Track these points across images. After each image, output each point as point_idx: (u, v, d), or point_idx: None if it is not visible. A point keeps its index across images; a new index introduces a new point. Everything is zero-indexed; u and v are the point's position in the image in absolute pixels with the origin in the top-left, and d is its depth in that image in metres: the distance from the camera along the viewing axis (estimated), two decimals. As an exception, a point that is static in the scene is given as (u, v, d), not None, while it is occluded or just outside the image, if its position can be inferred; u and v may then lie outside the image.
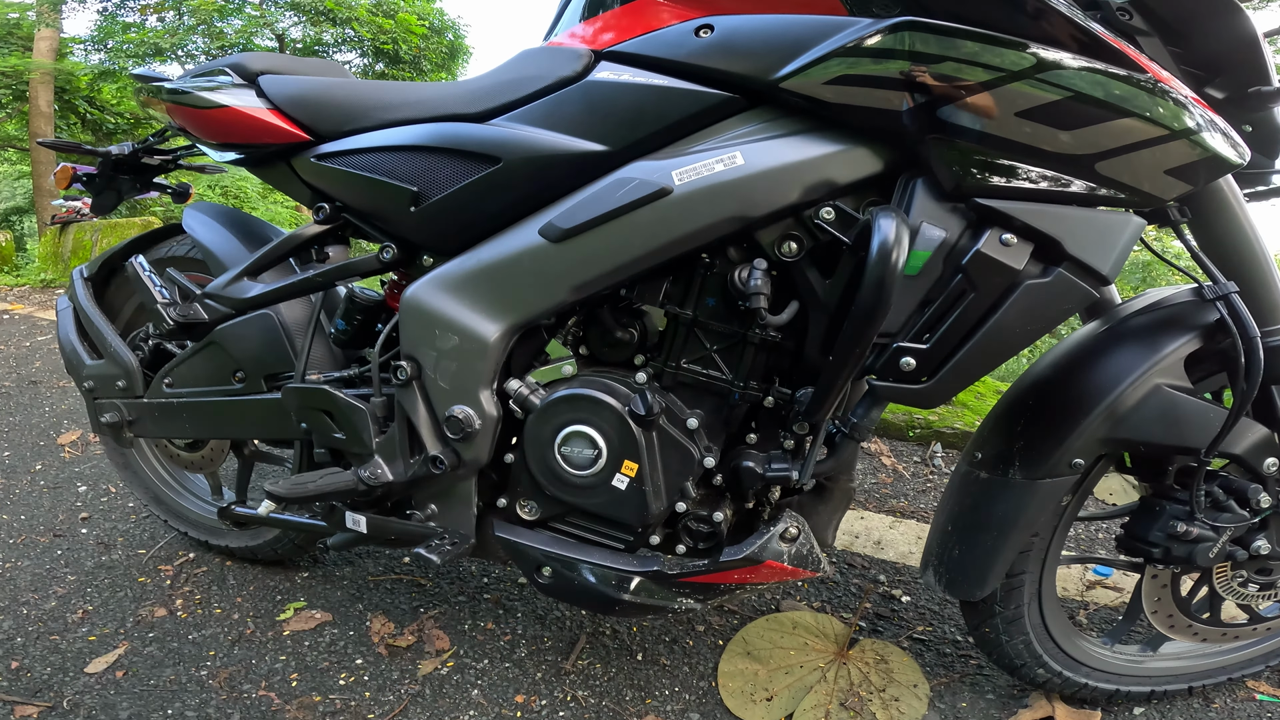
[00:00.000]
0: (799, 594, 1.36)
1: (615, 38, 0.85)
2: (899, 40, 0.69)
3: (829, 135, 0.75)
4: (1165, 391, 0.82)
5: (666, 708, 1.09)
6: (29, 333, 3.43)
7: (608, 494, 0.88)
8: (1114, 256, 0.72)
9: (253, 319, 1.08)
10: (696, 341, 0.87)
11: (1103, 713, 1.06)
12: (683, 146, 0.79)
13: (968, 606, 1.02)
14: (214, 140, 1.08)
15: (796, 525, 0.88)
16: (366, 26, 10.34)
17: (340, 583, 1.39)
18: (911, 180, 0.74)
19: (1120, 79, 0.68)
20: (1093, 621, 1.28)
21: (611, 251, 0.80)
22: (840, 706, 1.08)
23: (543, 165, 0.82)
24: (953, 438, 2.03)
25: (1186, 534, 0.88)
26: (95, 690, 1.12)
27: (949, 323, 0.73)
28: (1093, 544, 1.59)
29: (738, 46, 0.76)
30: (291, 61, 1.13)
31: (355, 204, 0.98)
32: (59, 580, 1.40)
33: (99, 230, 4.76)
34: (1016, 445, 0.89)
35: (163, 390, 1.20)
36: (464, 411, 0.88)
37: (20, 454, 1.98)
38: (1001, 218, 0.71)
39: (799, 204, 0.76)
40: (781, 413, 0.88)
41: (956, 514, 0.95)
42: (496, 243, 0.86)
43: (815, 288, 0.79)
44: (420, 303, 0.89)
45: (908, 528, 1.61)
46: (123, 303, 1.42)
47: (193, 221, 1.25)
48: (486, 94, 0.90)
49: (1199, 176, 0.73)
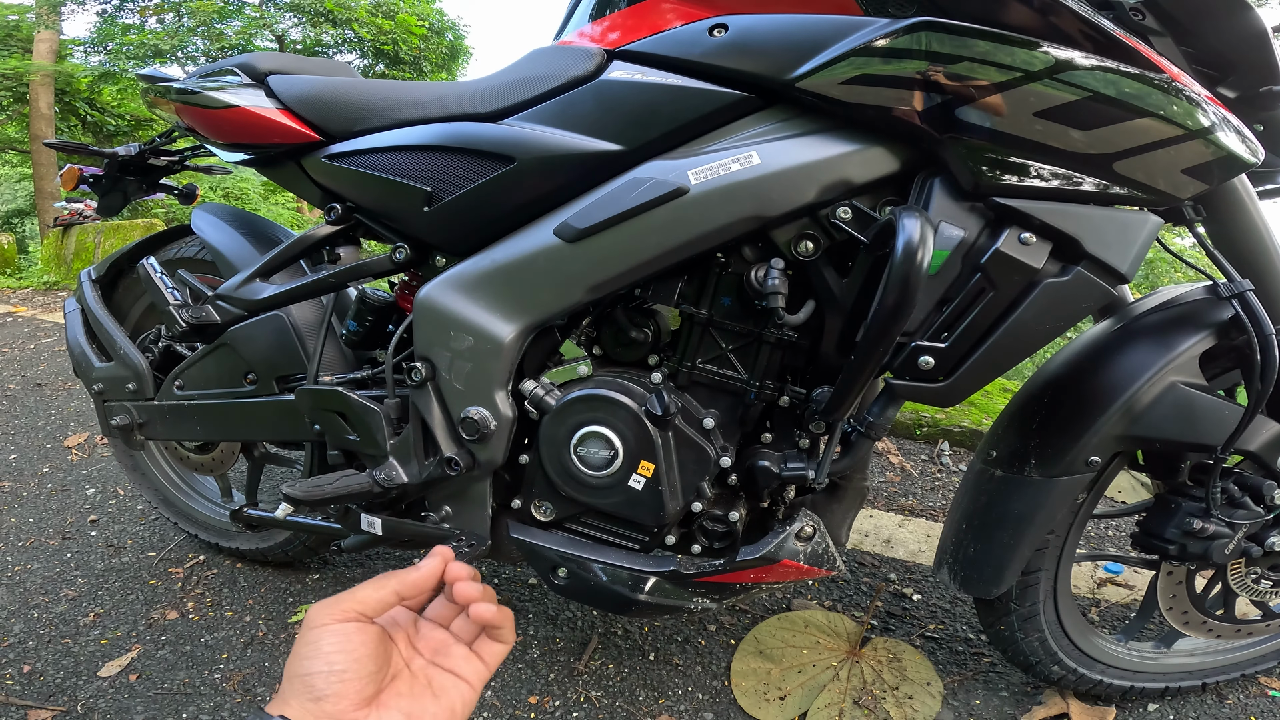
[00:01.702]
0: (810, 593, 1.36)
1: (626, 37, 0.85)
2: (915, 40, 0.69)
3: (845, 135, 0.75)
4: (1181, 389, 0.83)
5: (680, 707, 1.10)
6: (33, 335, 3.43)
7: (624, 494, 0.88)
8: (1132, 255, 0.72)
9: (264, 320, 1.08)
10: (712, 341, 0.87)
11: (1117, 709, 1.07)
12: (698, 146, 0.79)
13: (983, 604, 1.02)
14: (223, 140, 1.08)
15: (812, 524, 0.88)
16: (366, 27, 10.35)
17: (351, 584, 1.39)
18: (929, 179, 0.74)
19: (1136, 78, 0.68)
20: (1104, 619, 1.29)
21: (627, 251, 0.80)
22: (854, 705, 1.08)
23: (557, 165, 0.82)
24: (960, 436, 2.03)
25: (1203, 531, 0.88)
26: (109, 694, 1.12)
27: (967, 321, 0.73)
28: (1102, 541, 1.59)
29: (753, 46, 0.76)
30: (300, 61, 1.13)
31: (367, 204, 0.97)
32: (69, 583, 1.40)
33: (101, 232, 4.76)
34: (1032, 443, 0.89)
35: (173, 392, 1.20)
36: (479, 412, 0.88)
37: (27, 457, 1.98)
38: (1020, 217, 0.71)
39: (815, 203, 0.75)
40: (797, 412, 0.88)
41: (971, 512, 0.95)
42: (511, 243, 0.86)
43: (832, 287, 0.79)
44: (434, 303, 0.89)
45: (917, 526, 1.61)
46: (131, 304, 1.42)
47: (201, 223, 1.25)
48: (499, 93, 0.89)
49: (1214, 175, 0.73)
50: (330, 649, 0.43)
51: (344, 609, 0.45)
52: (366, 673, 0.43)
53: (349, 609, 0.45)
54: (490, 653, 0.50)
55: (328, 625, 0.44)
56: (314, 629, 0.44)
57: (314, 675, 0.42)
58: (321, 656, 0.42)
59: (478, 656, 0.49)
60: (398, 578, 0.48)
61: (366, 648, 0.44)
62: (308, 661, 0.42)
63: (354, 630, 0.44)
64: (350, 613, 0.45)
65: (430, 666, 0.48)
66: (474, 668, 0.49)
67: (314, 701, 0.41)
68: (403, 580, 0.48)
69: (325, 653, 0.42)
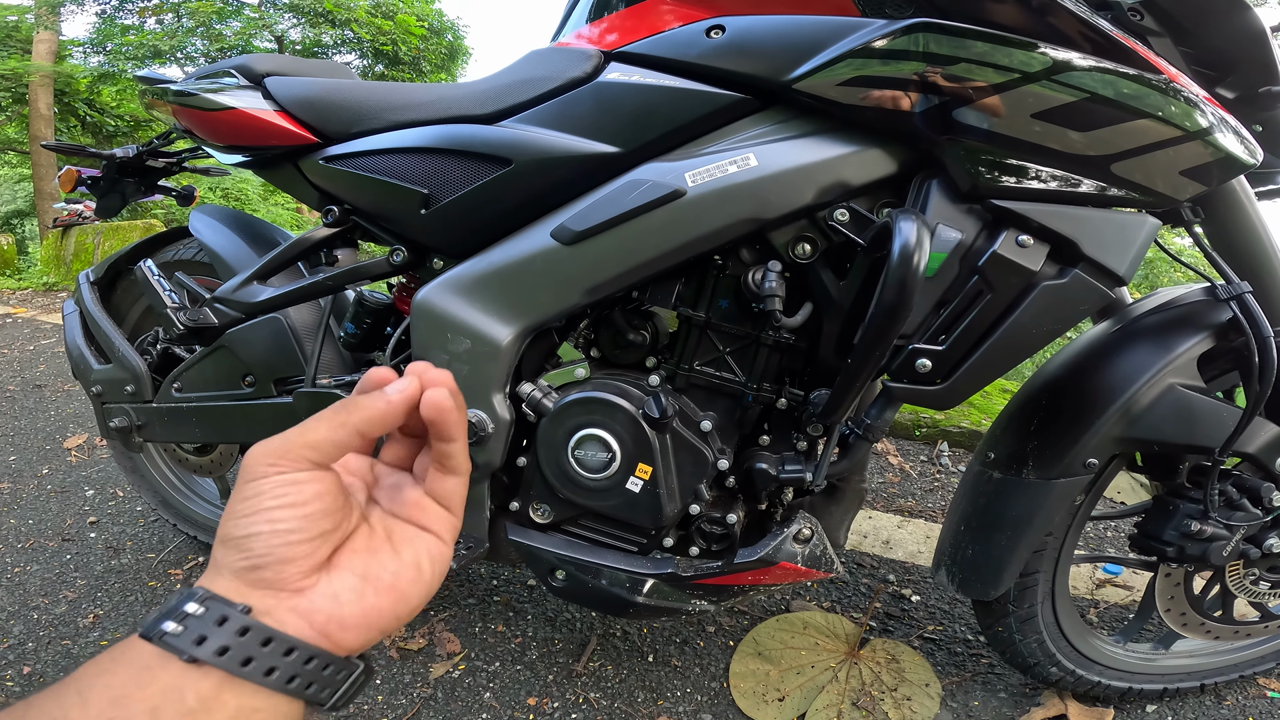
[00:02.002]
0: (809, 594, 1.36)
1: (624, 39, 0.85)
2: (913, 41, 0.69)
3: (843, 136, 0.75)
4: (1179, 391, 0.82)
5: (679, 709, 1.09)
6: (32, 336, 3.43)
7: (622, 496, 0.87)
8: (1130, 257, 0.72)
9: (262, 323, 1.08)
10: (709, 343, 0.87)
11: (1115, 710, 1.07)
12: (695, 148, 0.79)
13: (981, 606, 1.02)
14: (220, 142, 1.08)
15: (810, 526, 0.88)
16: (365, 28, 10.35)
17: (349, 585, 1.39)
18: (926, 181, 0.74)
19: (1134, 79, 0.68)
20: (1102, 620, 1.28)
21: (624, 254, 0.80)
22: (852, 706, 1.08)
23: (554, 167, 0.82)
24: (959, 436, 2.03)
25: (1200, 533, 0.88)
26: (107, 695, 1.12)
27: (965, 324, 0.73)
28: (1101, 542, 1.59)
29: (750, 47, 0.76)
30: (297, 63, 1.12)
31: (365, 206, 0.97)
32: (69, 585, 1.40)
33: (101, 233, 4.76)
34: (1030, 445, 0.89)
35: (172, 395, 1.20)
36: (477, 415, 0.88)
37: (26, 458, 1.98)
38: (1018, 219, 0.71)
39: (813, 205, 0.75)
40: (794, 414, 0.88)
41: (969, 514, 0.95)
42: (508, 245, 0.86)
43: (830, 289, 0.79)
44: (432, 306, 0.89)
45: (916, 527, 1.61)
46: (129, 306, 1.42)
47: (199, 225, 1.25)
48: (496, 95, 0.89)
49: (1213, 177, 0.73)
50: (274, 503, 0.33)
51: (293, 454, 0.34)
52: (319, 532, 0.34)
53: (299, 454, 0.34)
54: (444, 491, 0.40)
55: (269, 476, 0.34)
56: (253, 480, 0.34)
57: (253, 538, 0.33)
58: (263, 514, 0.33)
59: (435, 500, 0.40)
60: (360, 410, 0.36)
61: (321, 501, 0.34)
62: (245, 521, 0.33)
63: (306, 480, 0.34)
64: (300, 460, 0.34)
65: (389, 518, 0.40)
66: (435, 515, 0.40)
67: (251, 570, 0.33)
68: (367, 413, 0.36)
69: (267, 509, 0.33)
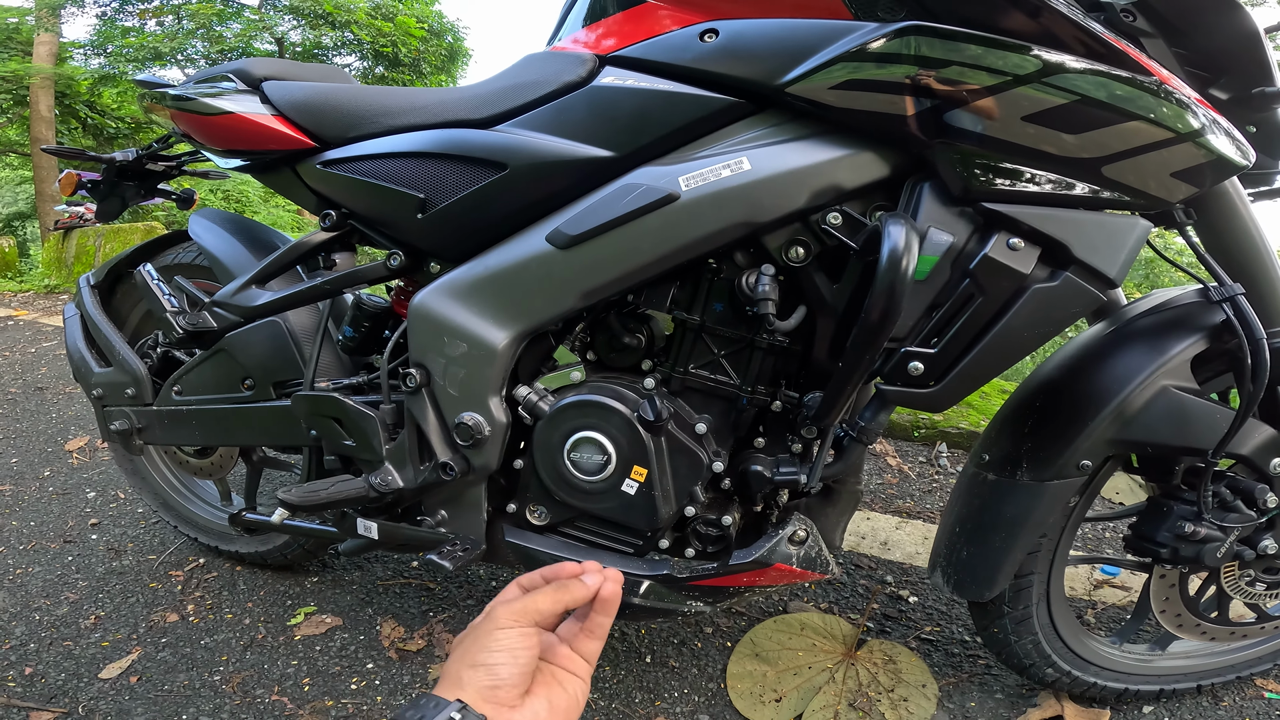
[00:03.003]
0: (806, 595, 1.36)
1: (619, 43, 0.85)
2: (905, 44, 0.69)
3: (835, 140, 0.75)
4: (1172, 393, 0.83)
5: (676, 709, 1.10)
6: (34, 339, 3.44)
7: (617, 499, 0.88)
8: (1121, 259, 0.72)
9: (261, 326, 1.09)
10: (704, 347, 0.87)
11: (1112, 711, 1.07)
12: (689, 152, 0.79)
13: (976, 607, 1.02)
14: (218, 147, 1.08)
15: (805, 528, 0.88)
16: (365, 30, 10.35)
17: (350, 587, 1.39)
18: (918, 184, 0.74)
19: (1126, 81, 0.68)
20: (1100, 621, 1.29)
21: (619, 258, 0.80)
22: (849, 707, 1.09)
23: (549, 171, 0.83)
24: (958, 438, 2.03)
25: (1194, 534, 0.88)
26: (110, 696, 1.13)
27: (957, 327, 0.74)
28: (1099, 543, 1.59)
29: (743, 51, 0.76)
30: (295, 67, 1.13)
31: (362, 211, 0.98)
32: (70, 586, 1.41)
33: (102, 235, 4.77)
34: (1024, 447, 0.89)
35: (172, 398, 1.21)
36: (473, 418, 0.89)
37: (28, 460, 1.99)
38: (1009, 222, 0.71)
39: (806, 209, 0.76)
40: (789, 417, 0.88)
41: (964, 515, 0.95)
42: (504, 249, 0.87)
43: (823, 293, 0.79)
44: (428, 310, 0.89)
45: (914, 528, 1.61)
46: (129, 310, 1.43)
47: (198, 228, 1.25)
48: (492, 99, 0.90)
49: (1205, 178, 0.73)
50: (514, 646, 0.52)
51: (528, 616, 0.53)
52: (531, 669, 0.52)
53: (531, 617, 0.54)
54: (588, 650, 0.58)
55: (512, 628, 0.53)
56: (500, 629, 0.53)
57: (498, 666, 0.50)
58: (506, 651, 0.51)
59: (579, 655, 0.57)
60: (571, 593, 0.56)
61: (534, 650, 0.53)
62: (493, 654, 0.51)
63: (531, 633, 0.53)
64: (529, 619, 0.54)
65: (548, 665, 0.56)
66: (580, 664, 0.57)
67: (491, 689, 0.50)
68: (576, 595, 0.56)
69: (509, 648, 0.51)
